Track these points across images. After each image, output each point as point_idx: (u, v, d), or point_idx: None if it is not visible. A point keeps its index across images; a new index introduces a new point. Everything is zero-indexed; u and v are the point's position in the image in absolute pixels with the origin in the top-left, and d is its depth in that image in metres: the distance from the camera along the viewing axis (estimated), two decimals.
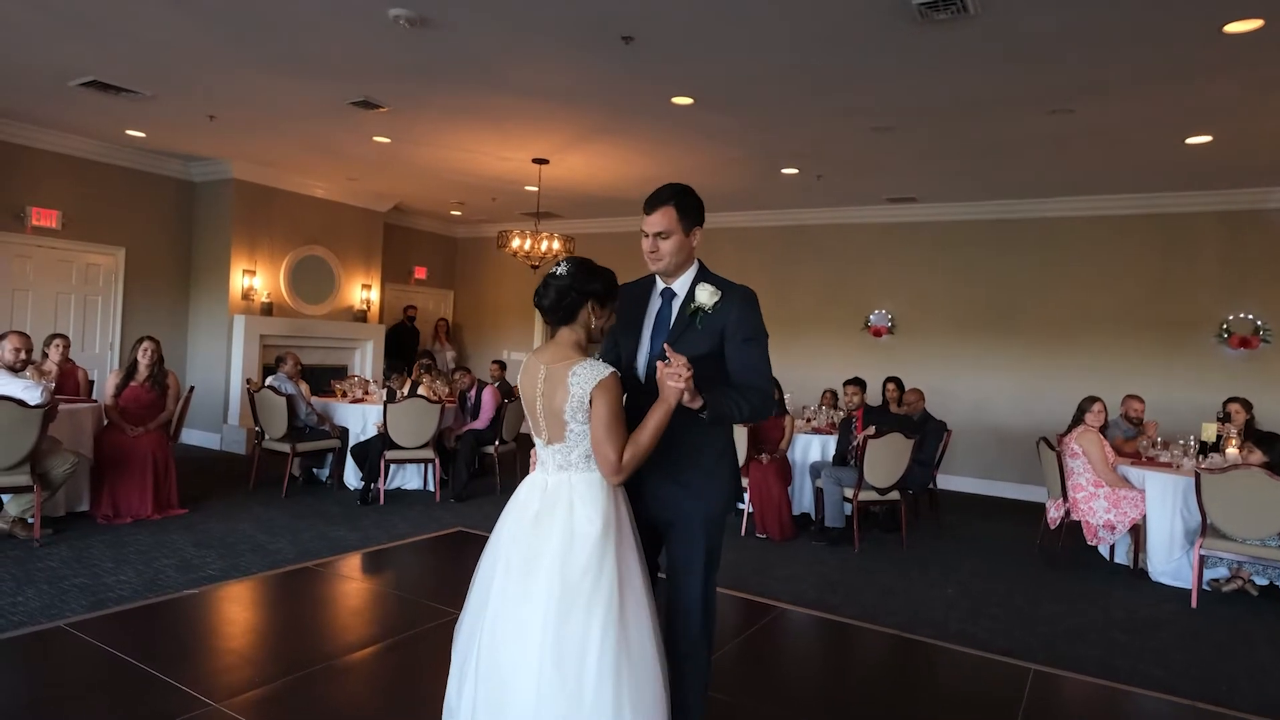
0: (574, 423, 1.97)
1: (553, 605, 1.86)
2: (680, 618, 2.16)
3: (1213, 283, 7.39)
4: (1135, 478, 5.37)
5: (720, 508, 2.19)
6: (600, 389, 1.93)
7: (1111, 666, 3.66)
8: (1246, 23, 3.84)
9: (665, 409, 1.96)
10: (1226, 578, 4.97)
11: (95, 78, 5.67)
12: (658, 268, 2.24)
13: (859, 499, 5.62)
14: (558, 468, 2.01)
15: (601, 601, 1.87)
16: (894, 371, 7.82)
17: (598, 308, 2.07)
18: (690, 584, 2.15)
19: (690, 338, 2.12)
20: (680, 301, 2.20)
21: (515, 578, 1.94)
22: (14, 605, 3.65)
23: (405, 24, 4.33)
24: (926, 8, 3.83)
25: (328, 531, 5.33)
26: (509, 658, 1.89)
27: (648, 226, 2.20)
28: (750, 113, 5.71)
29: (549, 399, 2.00)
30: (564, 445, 2.00)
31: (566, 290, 2.03)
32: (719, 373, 2.12)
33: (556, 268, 2.08)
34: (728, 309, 2.14)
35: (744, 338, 2.13)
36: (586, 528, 1.92)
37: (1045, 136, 5.84)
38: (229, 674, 3.11)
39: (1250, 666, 3.76)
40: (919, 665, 3.71)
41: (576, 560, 1.89)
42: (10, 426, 4.46)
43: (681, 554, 2.16)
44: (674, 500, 2.14)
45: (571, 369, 1.96)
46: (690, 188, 2.24)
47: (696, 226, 2.21)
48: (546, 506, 1.98)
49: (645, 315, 2.25)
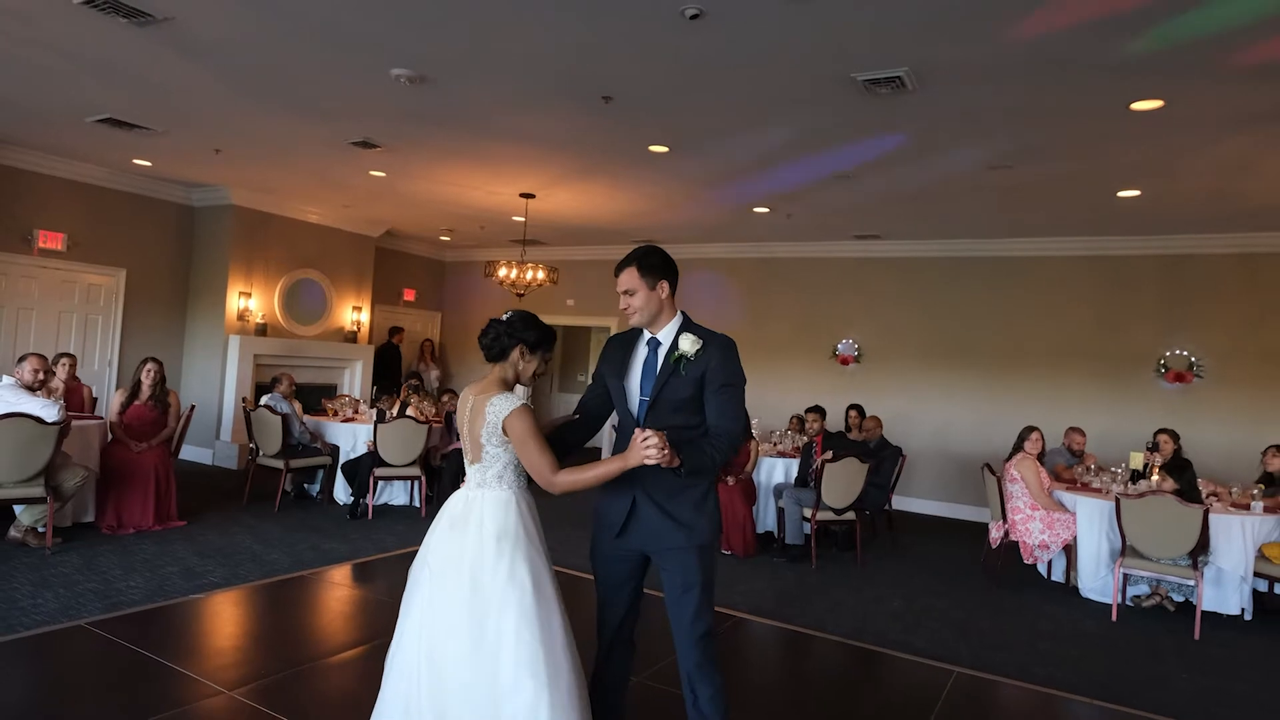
0: (489, 445, 2.27)
1: (466, 600, 2.15)
2: (682, 639, 2.30)
3: (1152, 321, 7.95)
4: (1069, 501, 5.84)
5: (709, 537, 2.33)
6: (511, 418, 2.22)
7: (1029, 671, 4.09)
8: (1149, 102, 4.38)
9: (620, 466, 2.15)
10: (1147, 594, 5.45)
11: (111, 115, 6.07)
12: (634, 321, 2.43)
13: (817, 518, 6.06)
14: (476, 485, 2.31)
15: (513, 599, 2.14)
16: (860, 399, 8.32)
17: (527, 353, 2.39)
18: (686, 605, 2.29)
19: (674, 383, 2.32)
20: (665, 350, 2.37)
21: (434, 577, 2.23)
22: (35, 606, 3.99)
23: (406, 81, 4.79)
24: (870, 84, 4.33)
25: (320, 544, 5.69)
26: (438, 648, 2.17)
27: (618, 286, 2.41)
28: (720, 161, 6.20)
29: (471, 425, 2.30)
30: (481, 465, 2.30)
31: (502, 334, 2.38)
32: (700, 412, 2.33)
33: (504, 314, 2.44)
34: (708, 357, 2.31)
35: (721, 384, 2.30)
36: (489, 534, 2.21)
37: (989, 187, 6.38)
38: (238, 667, 3.47)
39: (1153, 673, 4.21)
40: (854, 668, 4.14)
41: (485, 563, 2.18)
42: (29, 442, 4.81)
43: (678, 581, 2.30)
44: (667, 532, 2.30)
45: (490, 400, 2.26)
46: (654, 248, 2.43)
47: (663, 280, 2.38)
48: (461, 516, 2.27)
49: (633, 362, 2.44)
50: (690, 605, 2.29)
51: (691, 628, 2.28)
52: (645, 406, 2.35)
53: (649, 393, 2.35)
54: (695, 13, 3.67)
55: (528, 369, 2.42)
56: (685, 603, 2.29)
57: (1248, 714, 3.73)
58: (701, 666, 2.29)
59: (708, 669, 2.30)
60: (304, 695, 3.26)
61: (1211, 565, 5.20)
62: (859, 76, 4.28)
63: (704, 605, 2.30)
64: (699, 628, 2.29)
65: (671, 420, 2.30)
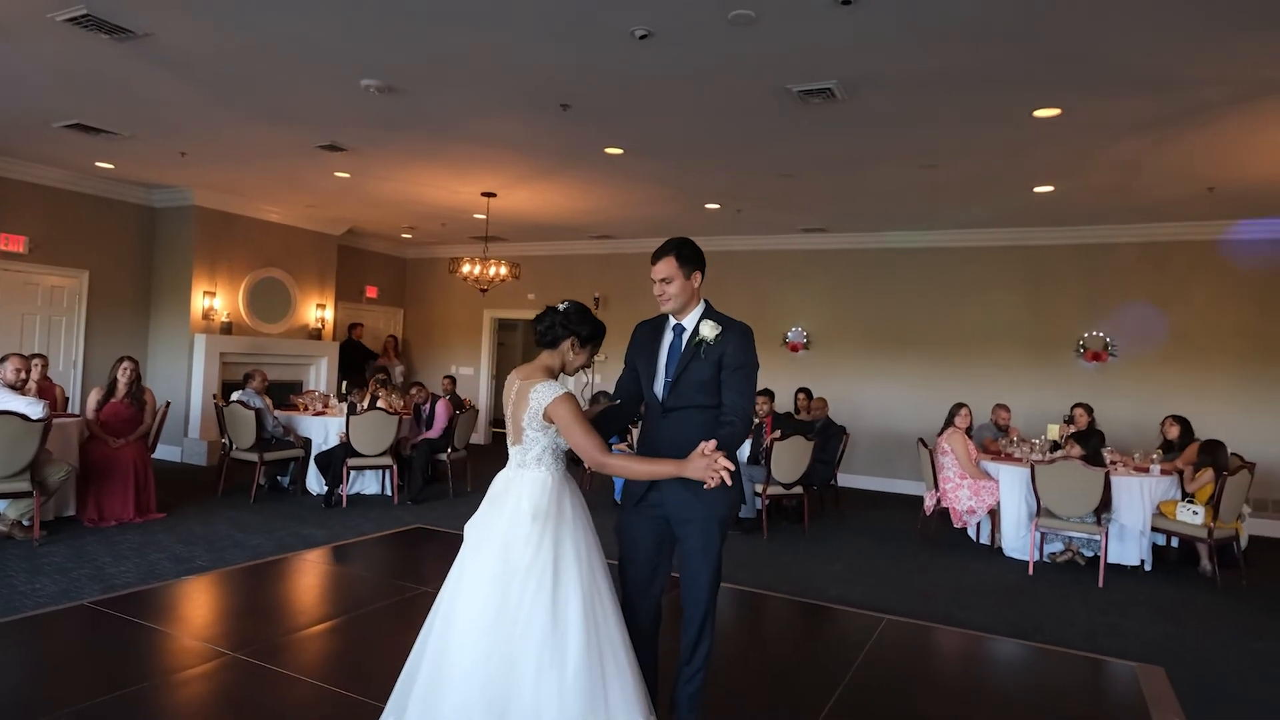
0: (530, 429, 2.37)
1: (496, 570, 2.26)
2: (696, 601, 2.54)
3: (1072, 306, 8.64)
4: (993, 470, 6.43)
5: (726, 510, 2.52)
6: (554, 404, 2.31)
7: (951, 617, 4.62)
8: (1049, 110, 4.93)
9: (674, 472, 2.28)
10: (1061, 550, 6.07)
11: (80, 121, 6.23)
12: (667, 308, 2.59)
13: (768, 493, 6.55)
14: (516, 465, 2.41)
15: (535, 574, 2.24)
16: (810, 383, 8.85)
17: (578, 345, 2.49)
18: (702, 571, 2.52)
19: (695, 365, 2.51)
20: (689, 335, 2.57)
21: (474, 545, 2.37)
22: (34, 591, 4.24)
23: (375, 91, 5.10)
24: (804, 94, 4.79)
25: (299, 530, 5.98)
26: (462, 608, 2.29)
27: (655, 274, 2.55)
28: (671, 162, 6.63)
29: (515, 409, 2.41)
30: (522, 447, 2.41)
31: (557, 323, 2.45)
32: (718, 394, 2.52)
33: (560, 304, 2.51)
34: (726, 342, 2.50)
35: (735, 366, 2.50)
36: (523, 514, 2.32)
37: (920, 184, 6.92)
38: (238, 634, 3.78)
39: (1058, 614, 4.78)
40: (795, 619, 4.63)
41: (517, 539, 2.29)
42: (14, 438, 5.02)
43: (697, 548, 2.52)
44: (690, 504, 2.47)
45: (534, 386, 2.36)
46: (688, 239, 2.61)
47: (696, 270, 2.56)
48: (500, 494, 2.40)
49: (660, 346, 2.62)
50: (708, 571, 2.53)
51: (707, 590, 2.54)
52: (669, 387, 2.54)
53: (672, 374, 2.54)
54: (644, 33, 4.07)
55: (576, 361, 2.51)
56: (703, 569, 2.52)
57: (1128, 643, 4.31)
58: (706, 627, 2.56)
59: (709, 629, 2.58)
60: (301, 656, 3.61)
61: (1115, 522, 5.83)
62: (794, 88, 4.73)
63: (718, 572, 2.56)
64: (712, 591, 2.55)
65: (693, 400, 2.51)
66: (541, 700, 2.17)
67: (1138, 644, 4.31)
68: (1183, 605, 5.12)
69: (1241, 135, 5.23)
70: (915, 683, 3.69)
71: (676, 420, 2.53)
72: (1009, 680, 3.98)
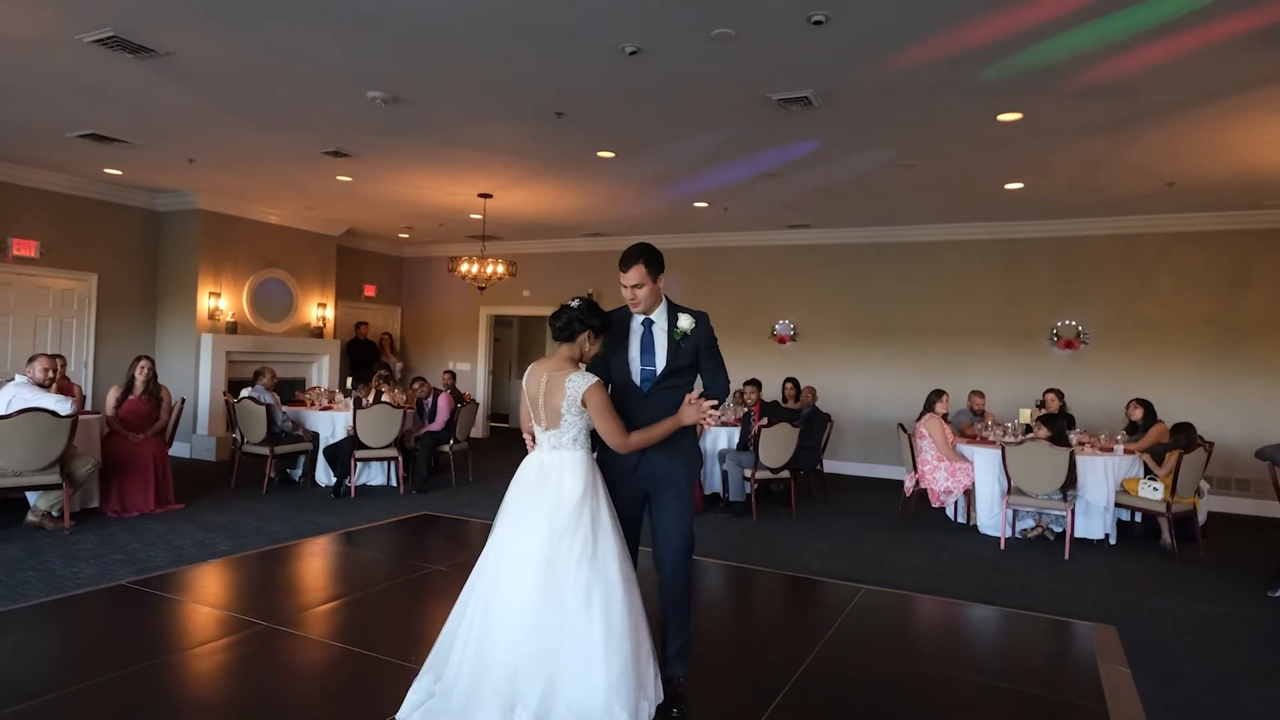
0: (568, 415, 2.66)
1: (543, 539, 2.55)
2: (670, 555, 2.87)
3: (1045, 296, 9.02)
4: (969, 453, 6.81)
5: (696, 469, 3.00)
6: (590, 391, 2.64)
7: (925, 586, 4.99)
8: (1011, 114, 5.28)
9: (672, 425, 2.71)
10: (1031, 526, 6.45)
11: (94, 131, 6.51)
12: (638, 310, 2.94)
13: (756, 478, 6.91)
14: (552, 448, 2.70)
15: (579, 540, 2.55)
16: (796, 373, 9.22)
17: (592, 336, 2.79)
18: (680, 527, 2.87)
19: (679, 355, 2.92)
20: (658, 328, 2.94)
21: (516, 521, 2.64)
22: (73, 574, 4.55)
23: (381, 102, 5.41)
24: (782, 102, 5.13)
25: (312, 519, 6.30)
26: (509, 576, 2.57)
27: (625, 280, 2.86)
28: (661, 164, 6.96)
29: (549, 397, 2.67)
30: (558, 431, 2.68)
31: (574, 319, 2.75)
32: (691, 372, 2.97)
33: (573, 301, 2.81)
34: (698, 330, 2.96)
35: (709, 345, 2.99)
36: (571, 491, 2.62)
37: (898, 182, 7.28)
38: (267, 607, 4.10)
39: (1025, 584, 5.16)
40: (780, 590, 4.99)
41: (563, 513, 2.57)
42: (46, 433, 5.32)
43: (673, 506, 2.88)
44: (669, 468, 2.87)
45: (568, 376, 2.67)
46: (650, 245, 2.92)
47: (660, 273, 2.91)
48: (544, 475, 2.67)
49: (630, 340, 2.96)
50: (685, 521, 2.89)
51: (684, 539, 2.88)
52: (658, 375, 2.90)
53: (657, 363, 2.91)
54: (634, 50, 4.40)
55: (591, 351, 2.82)
56: (682, 522, 2.88)
57: (1087, 607, 4.68)
58: (685, 590, 2.91)
59: (687, 592, 2.93)
60: (331, 624, 3.94)
61: (1080, 499, 6.22)
62: (773, 96, 5.07)
63: (691, 522, 2.95)
64: (689, 539, 2.91)
65: (670, 382, 2.91)
66: (591, 651, 2.47)
67: (1096, 607, 4.68)
68: (1142, 574, 5.50)
69: (1195, 136, 5.60)
70: (888, 643, 4.05)
71: (657, 399, 2.89)
72: (974, 639, 4.36)
